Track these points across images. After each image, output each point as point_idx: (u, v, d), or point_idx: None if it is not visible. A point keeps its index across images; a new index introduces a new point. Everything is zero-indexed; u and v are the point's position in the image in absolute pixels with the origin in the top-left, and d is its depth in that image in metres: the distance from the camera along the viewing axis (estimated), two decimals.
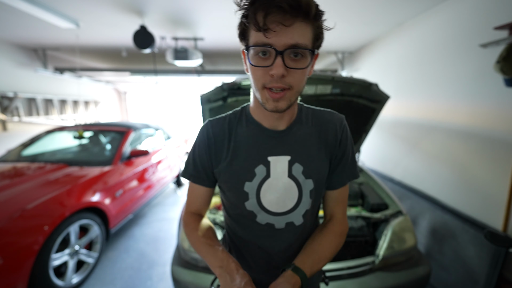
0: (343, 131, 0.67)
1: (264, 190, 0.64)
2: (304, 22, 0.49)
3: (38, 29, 2.97)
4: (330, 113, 0.70)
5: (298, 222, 0.66)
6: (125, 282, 2.03)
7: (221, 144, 0.66)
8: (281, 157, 0.63)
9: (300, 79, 0.54)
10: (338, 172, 0.68)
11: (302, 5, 0.47)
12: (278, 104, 0.55)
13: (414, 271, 1.36)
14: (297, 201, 0.65)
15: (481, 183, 1.78)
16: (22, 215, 1.63)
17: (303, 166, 0.63)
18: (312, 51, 0.52)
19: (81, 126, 3.10)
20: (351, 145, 0.69)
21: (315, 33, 0.52)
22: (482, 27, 1.75)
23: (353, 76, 1.67)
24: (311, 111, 0.69)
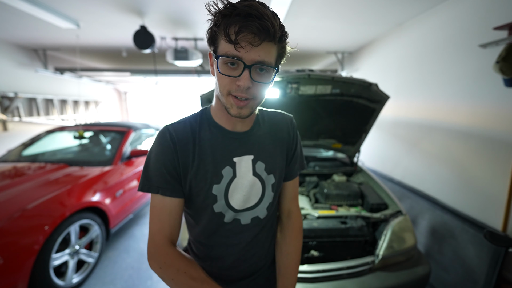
0: (293, 128, 0.78)
1: (231, 190, 0.66)
2: (270, 43, 0.54)
3: (39, 30, 2.98)
4: (281, 113, 0.79)
5: (263, 215, 0.72)
6: (125, 282, 2.03)
7: (186, 148, 0.64)
8: (245, 157, 0.68)
9: (263, 91, 0.60)
10: (292, 165, 0.78)
11: (269, 30, 0.52)
12: (242, 111, 0.59)
13: (414, 271, 1.37)
14: (261, 196, 0.70)
15: (480, 183, 1.79)
16: (22, 215, 1.63)
17: (265, 163, 0.70)
18: (276, 69, 0.58)
19: (82, 126, 3.11)
20: (300, 140, 0.81)
21: (279, 52, 0.58)
22: (482, 27, 1.75)
23: (353, 76, 1.67)
24: (265, 113, 0.77)
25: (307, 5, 2.27)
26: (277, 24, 0.53)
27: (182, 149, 0.63)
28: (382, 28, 2.91)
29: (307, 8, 2.34)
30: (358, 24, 2.78)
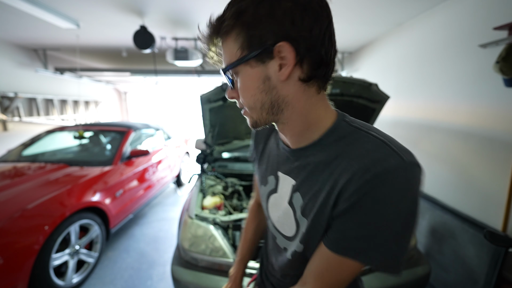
0: (365, 185, 0.41)
1: (271, 202, 0.62)
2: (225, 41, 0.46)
3: (39, 29, 2.98)
4: (371, 143, 0.43)
5: (288, 256, 0.59)
6: (125, 282, 2.03)
7: (259, 142, 0.70)
8: (287, 178, 0.55)
9: (243, 94, 0.47)
10: (338, 232, 0.46)
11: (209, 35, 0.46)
12: (248, 122, 0.52)
13: (414, 271, 1.37)
14: (294, 235, 0.55)
15: (480, 183, 1.79)
16: (22, 215, 1.63)
17: (303, 200, 0.51)
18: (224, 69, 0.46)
19: (82, 126, 3.11)
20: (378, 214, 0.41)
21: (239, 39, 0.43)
22: (482, 27, 1.75)
23: (352, 76, 1.68)
24: (349, 132, 0.47)
25: None
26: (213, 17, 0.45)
27: (257, 141, 0.72)
28: (382, 28, 2.91)
29: None
30: (358, 24, 2.78)
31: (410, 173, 0.40)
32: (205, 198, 1.78)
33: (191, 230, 1.42)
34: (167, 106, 8.32)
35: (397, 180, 0.39)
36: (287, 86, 0.44)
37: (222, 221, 1.47)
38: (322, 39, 0.42)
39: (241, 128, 2.37)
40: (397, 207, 0.40)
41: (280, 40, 0.40)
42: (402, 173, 0.39)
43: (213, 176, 2.13)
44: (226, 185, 2.04)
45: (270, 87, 0.44)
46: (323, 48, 0.42)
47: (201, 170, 2.13)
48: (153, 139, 3.63)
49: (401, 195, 0.40)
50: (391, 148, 0.41)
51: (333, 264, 0.46)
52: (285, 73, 0.43)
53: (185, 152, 4.65)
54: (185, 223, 1.49)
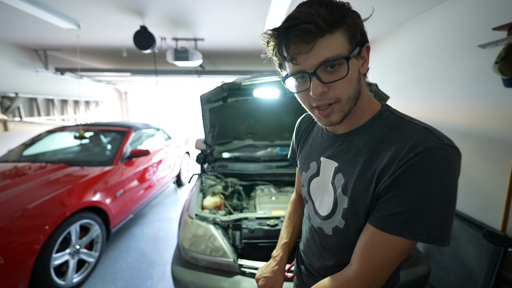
0: (408, 162, 0.46)
1: (313, 185, 0.69)
2: (324, 37, 0.48)
3: (39, 30, 2.99)
4: (414, 130, 0.51)
5: (328, 233, 0.63)
6: (125, 282, 2.04)
7: (302, 134, 0.78)
8: (330, 161, 0.62)
9: (344, 88, 0.51)
10: (384, 211, 0.49)
11: (310, 29, 0.47)
12: (330, 119, 0.54)
13: (413, 271, 1.37)
14: (330, 213, 0.62)
15: (480, 183, 1.79)
16: (23, 215, 1.63)
17: (345, 179, 0.57)
18: (347, 57, 0.49)
19: (82, 126, 3.11)
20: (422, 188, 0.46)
21: (347, 35, 0.49)
22: (481, 27, 1.76)
23: None
24: (393, 121, 0.55)
25: None
26: (323, 12, 0.47)
27: (299, 134, 0.80)
28: (381, 29, 2.92)
29: None
30: None
31: (449, 153, 0.46)
32: (205, 198, 1.78)
33: (191, 229, 1.42)
34: (168, 106, 8.33)
35: (437, 158, 0.45)
36: (362, 79, 0.55)
37: (222, 221, 1.48)
38: None
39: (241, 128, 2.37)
40: (438, 181, 0.45)
41: (367, 41, 0.53)
42: (442, 152, 0.46)
43: (213, 176, 2.13)
44: (226, 185, 2.04)
45: (359, 78, 0.54)
46: None
47: (201, 170, 2.14)
48: (153, 139, 3.64)
49: (442, 171, 0.45)
50: (432, 132, 0.49)
51: (378, 242, 0.50)
52: (366, 68, 0.55)
53: (185, 152, 4.65)
54: (185, 222, 1.49)
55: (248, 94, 1.92)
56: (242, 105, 2.18)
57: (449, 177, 0.46)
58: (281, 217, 1.50)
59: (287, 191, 2.07)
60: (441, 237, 0.46)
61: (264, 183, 2.19)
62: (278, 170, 2.25)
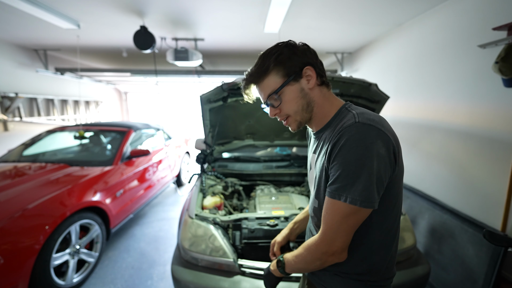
0: (334, 139, 0.62)
1: (309, 177, 0.82)
2: (262, 82, 0.71)
3: (39, 30, 2.99)
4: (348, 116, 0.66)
5: (311, 214, 0.80)
6: (125, 282, 2.04)
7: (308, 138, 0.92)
8: (314, 155, 0.77)
9: (289, 107, 0.71)
10: (329, 180, 0.64)
11: (246, 82, 0.74)
12: (291, 127, 0.77)
13: (413, 271, 1.37)
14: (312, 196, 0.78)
15: (480, 183, 1.79)
16: (23, 215, 1.63)
17: (317, 166, 0.72)
18: (280, 87, 0.69)
19: (82, 126, 3.11)
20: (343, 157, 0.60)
21: (278, 73, 0.69)
22: (481, 27, 1.76)
23: (352, 76, 1.68)
24: (345, 114, 0.68)
25: (307, 5, 2.28)
26: (253, 70, 0.72)
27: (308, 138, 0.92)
28: (381, 29, 2.92)
29: (307, 8, 2.35)
30: (357, 24, 2.78)
31: (360, 129, 0.60)
32: (205, 198, 1.78)
33: (191, 229, 1.42)
34: (168, 106, 8.33)
35: (351, 133, 0.60)
36: (313, 91, 0.71)
37: (222, 221, 1.48)
38: (321, 64, 0.73)
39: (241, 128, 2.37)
40: (354, 152, 0.58)
41: (305, 65, 0.69)
42: (353, 128, 0.60)
43: (213, 176, 2.13)
44: (226, 185, 2.04)
45: (304, 94, 0.70)
46: (322, 67, 0.73)
47: (201, 170, 2.14)
48: (153, 139, 3.64)
49: (354, 143, 0.58)
50: (354, 116, 0.63)
51: (328, 208, 0.64)
52: (312, 83, 0.70)
53: (185, 152, 4.65)
54: (185, 223, 1.49)
55: None
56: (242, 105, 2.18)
57: (363, 148, 0.57)
58: (281, 217, 1.50)
59: (287, 191, 2.07)
60: (362, 200, 0.58)
61: (264, 183, 2.19)
62: (278, 170, 2.25)
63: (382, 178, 0.59)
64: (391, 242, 0.70)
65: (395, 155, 0.62)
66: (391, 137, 0.62)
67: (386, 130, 0.61)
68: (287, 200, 1.82)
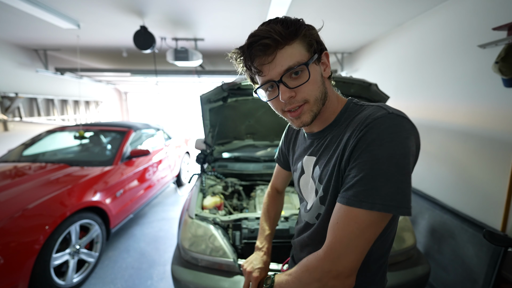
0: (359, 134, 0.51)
1: (302, 184, 0.74)
2: (284, 48, 0.54)
3: (39, 30, 2.99)
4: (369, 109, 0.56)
5: (312, 222, 0.67)
6: (125, 282, 2.03)
7: (290, 138, 0.84)
8: (310, 157, 0.68)
9: (310, 90, 0.57)
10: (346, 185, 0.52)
11: (269, 44, 0.53)
12: (302, 119, 0.60)
13: (413, 271, 1.37)
14: (312, 203, 0.66)
15: (480, 183, 1.79)
16: (23, 215, 1.63)
17: (320, 170, 0.63)
18: (306, 63, 0.55)
19: (82, 126, 3.11)
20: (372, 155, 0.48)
21: (304, 44, 0.56)
22: (481, 27, 1.76)
23: (352, 76, 1.68)
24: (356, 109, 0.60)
25: (307, 5, 2.28)
26: (279, 28, 0.54)
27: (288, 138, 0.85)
28: (381, 29, 2.92)
29: (307, 8, 2.35)
30: (357, 24, 2.78)
31: (395, 120, 0.50)
32: (205, 198, 1.78)
33: (191, 229, 1.42)
34: (168, 106, 8.33)
35: (383, 126, 0.49)
36: (326, 81, 0.62)
37: (222, 221, 1.48)
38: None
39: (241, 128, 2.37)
40: (386, 148, 0.48)
41: (325, 49, 0.61)
42: (387, 120, 0.50)
43: (213, 176, 2.13)
44: (226, 185, 2.04)
45: (322, 81, 0.60)
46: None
47: (201, 170, 2.14)
48: (153, 139, 3.64)
49: (389, 137, 0.48)
50: (381, 107, 0.54)
51: (342, 217, 0.51)
52: (328, 72, 0.61)
53: (185, 152, 4.65)
54: (185, 223, 1.49)
55: (248, 94, 1.92)
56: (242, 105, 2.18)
57: (397, 143, 0.48)
58: (281, 217, 1.50)
59: (287, 191, 2.07)
60: (397, 205, 0.47)
61: (264, 183, 2.19)
62: None
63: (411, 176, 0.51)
64: (388, 249, 0.63)
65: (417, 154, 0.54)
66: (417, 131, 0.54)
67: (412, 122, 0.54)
68: (287, 200, 1.82)
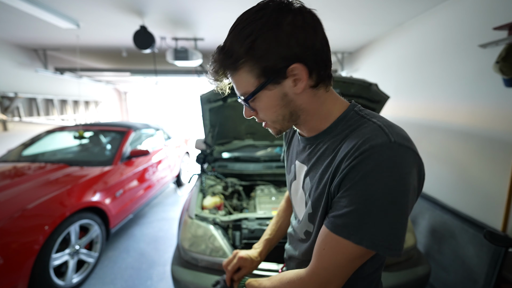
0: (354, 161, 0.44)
1: (292, 189, 0.68)
2: (233, 74, 0.50)
3: (39, 30, 2.98)
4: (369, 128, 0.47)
5: (302, 236, 0.62)
6: (125, 282, 2.03)
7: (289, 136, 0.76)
8: (302, 165, 0.61)
9: (265, 114, 0.54)
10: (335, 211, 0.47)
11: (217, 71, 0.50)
12: (272, 132, 0.59)
13: (414, 271, 1.37)
14: (302, 216, 0.60)
15: (480, 183, 1.79)
16: (22, 215, 1.63)
17: (311, 184, 0.56)
18: (253, 93, 0.50)
19: (82, 126, 3.11)
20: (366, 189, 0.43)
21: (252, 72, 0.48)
22: (481, 27, 1.76)
23: (352, 76, 1.68)
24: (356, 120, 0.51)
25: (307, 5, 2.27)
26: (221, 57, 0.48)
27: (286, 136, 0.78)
28: (382, 28, 2.91)
29: None
30: (358, 24, 2.78)
31: (397, 152, 0.42)
32: (205, 198, 1.78)
33: (191, 230, 1.42)
34: (167, 106, 8.33)
35: (382, 157, 0.42)
36: (302, 96, 0.51)
37: (222, 221, 1.47)
38: (323, 49, 0.48)
39: (241, 128, 2.37)
40: (383, 183, 0.42)
41: (292, 62, 0.46)
42: (387, 150, 0.42)
43: (213, 176, 2.13)
44: (226, 185, 2.04)
45: (288, 101, 0.51)
46: (324, 55, 0.49)
47: (201, 170, 2.13)
48: (153, 139, 3.63)
49: (387, 171, 0.42)
50: (383, 130, 0.45)
51: (329, 244, 0.47)
52: (300, 87, 0.49)
53: (185, 152, 4.65)
54: (185, 223, 1.49)
55: None
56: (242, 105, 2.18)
57: (397, 179, 0.42)
58: None
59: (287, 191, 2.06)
60: (388, 247, 0.42)
61: (264, 183, 2.19)
62: (278, 170, 2.25)
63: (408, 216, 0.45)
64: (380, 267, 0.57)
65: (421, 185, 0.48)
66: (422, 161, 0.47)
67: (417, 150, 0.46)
68: None
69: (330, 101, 0.54)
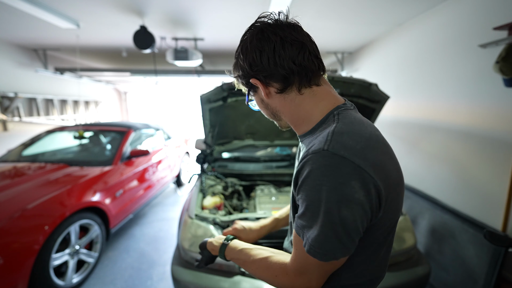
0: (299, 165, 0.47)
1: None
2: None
3: (39, 30, 2.98)
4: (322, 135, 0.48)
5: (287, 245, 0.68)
6: (125, 282, 2.03)
7: None
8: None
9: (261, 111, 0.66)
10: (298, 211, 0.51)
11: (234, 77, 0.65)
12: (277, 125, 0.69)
13: (414, 271, 1.37)
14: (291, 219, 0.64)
15: (480, 183, 1.79)
16: (22, 215, 1.63)
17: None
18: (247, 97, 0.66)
19: (82, 126, 3.11)
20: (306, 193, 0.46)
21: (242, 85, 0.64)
22: (482, 27, 1.76)
23: (352, 76, 1.68)
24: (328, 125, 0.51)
25: (307, 5, 2.27)
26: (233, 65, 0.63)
27: None
28: (382, 28, 2.91)
29: (307, 8, 2.34)
30: (358, 24, 2.78)
31: (328, 161, 0.43)
32: (205, 198, 1.78)
33: (191, 230, 1.42)
34: (167, 106, 8.33)
35: (315, 165, 0.44)
36: (272, 100, 0.59)
37: (222, 221, 1.47)
38: (274, 62, 0.52)
39: (241, 128, 2.37)
40: (316, 191, 0.43)
41: (250, 78, 0.58)
42: (320, 158, 0.43)
43: (213, 176, 2.13)
44: (226, 185, 2.04)
45: (266, 104, 0.61)
46: (278, 67, 0.53)
47: (201, 170, 2.13)
48: (153, 139, 3.63)
49: (318, 180, 0.43)
50: (327, 137, 0.46)
51: (295, 240, 0.51)
52: (265, 94, 0.58)
53: (185, 152, 4.65)
54: (185, 223, 1.49)
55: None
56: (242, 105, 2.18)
57: (330, 189, 0.42)
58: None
59: (287, 191, 2.06)
60: (317, 251, 0.45)
61: (264, 183, 2.19)
62: (278, 170, 2.25)
63: (358, 227, 0.44)
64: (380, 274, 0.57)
65: (380, 199, 0.45)
66: (376, 175, 0.43)
67: (370, 164, 0.43)
68: (287, 200, 1.82)
69: (308, 103, 0.55)
